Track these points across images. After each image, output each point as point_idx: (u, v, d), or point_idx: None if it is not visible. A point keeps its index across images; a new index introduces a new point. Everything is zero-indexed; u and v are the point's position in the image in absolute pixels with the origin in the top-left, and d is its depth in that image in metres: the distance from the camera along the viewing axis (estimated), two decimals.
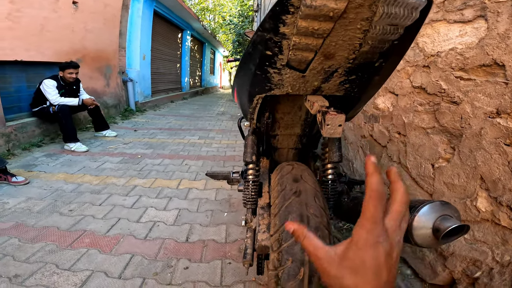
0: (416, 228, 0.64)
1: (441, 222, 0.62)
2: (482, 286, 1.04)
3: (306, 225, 0.65)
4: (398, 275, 1.39)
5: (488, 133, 0.98)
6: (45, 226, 1.68)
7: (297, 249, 0.62)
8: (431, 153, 1.27)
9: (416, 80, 1.37)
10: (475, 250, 1.07)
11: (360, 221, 0.32)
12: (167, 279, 1.31)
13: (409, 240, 0.66)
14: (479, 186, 1.04)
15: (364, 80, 0.60)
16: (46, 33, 3.57)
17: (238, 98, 0.85)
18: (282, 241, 0.65)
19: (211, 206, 2.06)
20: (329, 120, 0.56)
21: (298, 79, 0.59)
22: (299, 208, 0.69)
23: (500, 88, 0.93)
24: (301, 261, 0.61)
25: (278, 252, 0.64)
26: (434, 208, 0.64)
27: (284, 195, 0.74)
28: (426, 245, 0.65)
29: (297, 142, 1.13)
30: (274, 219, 0.71)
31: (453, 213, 0.65)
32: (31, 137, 3.33)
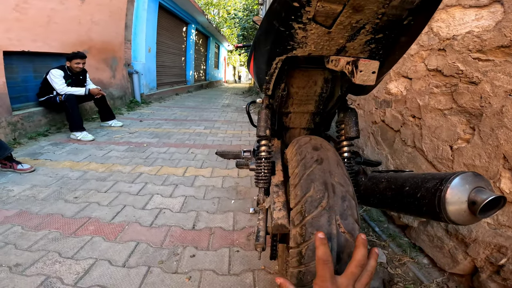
0: (450, 202, 0.57)
1: (477, 194, 0.55)
2: (508, 273, 0.98)
3: (332, 194, 0.58)
4: (415, 265, 1.32)
5: (510, 111, 0.96)
6: (49, 214, 1.64)
7: (324, 221, 0.55)
8: (449, 135, 1.24)
9: (431, 63, 1.36)
10: (499, 236, 1.02)
11: (314, 280, 0.46)
12: (173, 267, 1.25)
13: (440, 218, 0.59)
14: (502, 166, 1.00)
15: (391, 40, 0.56)
16: (53, 24, 3.58)
17: (255, 64, 0.79)
18: (306, 213, 0.58)
19: (218, 194, 2.00)
20: (362, 66, 0.52)
21: (323, 36, 0.54)
22: (322, 176, 0.61)
23: None
24: (329, 234, 0.54)
25: (301, 226, 0.57)
26: (467, 179, 0.57)
27: (305, 163, 0.67)
28: (462, 221, 0.58)
29: (310, 122, 1.07)
30: (295, 190, 0.64)
31: (487, 185, 0.58)
32: (37, 126, 3.33)
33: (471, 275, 1.16)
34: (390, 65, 0.65)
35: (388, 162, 1.73)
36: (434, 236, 1.32)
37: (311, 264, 0.53)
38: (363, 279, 0.47)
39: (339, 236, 0.54)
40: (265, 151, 0.94)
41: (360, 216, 1.72)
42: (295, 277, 0.56)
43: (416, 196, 0.65)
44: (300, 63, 0.88)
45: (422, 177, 0.67)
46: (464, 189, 0.57)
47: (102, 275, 1.18)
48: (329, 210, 0.56)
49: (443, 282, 1.22)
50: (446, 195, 0.57)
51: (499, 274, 1.01)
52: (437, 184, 0.60)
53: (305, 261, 0.54)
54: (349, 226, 0.55)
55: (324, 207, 0.56)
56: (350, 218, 0.56)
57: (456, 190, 0.57)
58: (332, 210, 0.56)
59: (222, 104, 7.10)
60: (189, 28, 10.13)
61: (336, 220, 0.55)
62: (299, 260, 0.55)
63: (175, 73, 9.31)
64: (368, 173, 0.93)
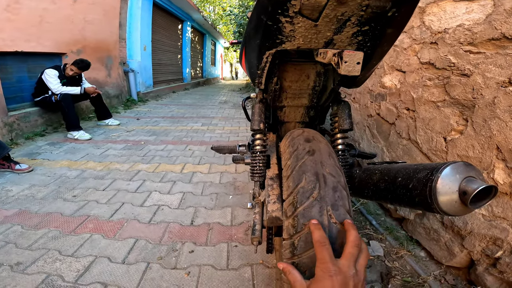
0: (441, 192, 0.57)
1: (468, 184, 0.55)
2: (504, 266, 0.99)
3: (324, 185, 0.58)
4: (412, 258, 1.33)
5: (501, 102, 0.97)
6: (48, 212, 1.65)
7: (315, 211, 0.55)
8: (442, 126, 1.26)
9: (424, 56, 1.38)
10: (494, 228, 1.02)
11: (316, 265, 0.46)
12: (172, 263, 1.26)
13: (432, 209, 0.59)
14: (495, 156, 1.01)
15: (377, 32, 0.57)
16: (46, 24, 3.56)
17: (247, 59, 0.79)
18: (298, 204, 0.58)
19: (216, 189, 2.02)
20: (346, 57, 0.53)
21: (310, 29, 0.55)
22: (314, 167, 0.61)
23: (511, 59, 0.94)
24: (320, 225, 0.54)
25: (293, 217, 0.57)
26: (458, 169, 0.57)
27: (297, 155, 0.67)
28: (454, 212, 0.58)
29: (304, 115, 1.08)
30: (287, 181, 0.64)
31: (478, 175, 0.58)
32: (34, 126, 3.32)
33: (468, 268, 1.17)
34: (379, 57, 0.65)
35: (384, 155, 1.74)
36: (430, 228, 1.33)
37: (303, 255, 0.53)
38: (361, 260, 0.48)
39: (331, 226, 0.54)
40: (260, 145, 0.94)
41: (357, 210, 1.76)
42: None
43: (408, 187, 0.65)
44: (291, 57, 0.88)
45: (414, 168, 0.67)
46: (454, 179, 0.56)
47: (102, 272, 1.20)
48: (321, 200, 0.56)
49: (441, 275, 1.23)
50: (437, 185, 0.57)
51: (496, 267, 1.02)
52: (428, 174, 0.60)
53: (297, 252, 0.54)
54: (341, 217, 0.55)
55: (315, 197, 0.56)
56: (342, 208, 0.56)
57: (447, 180, 0.57)
58: (323, 200, 0.56)
59: (219, 101, 7.08)
60: (184, 26, 10.05)
61: (327, 210, 0.55)
62: (292, 252, 0.55)
63: (171, 71, 9.25)
64: (362, 166, 0.94)
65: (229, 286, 1.14)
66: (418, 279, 1.21)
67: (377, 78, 1.86)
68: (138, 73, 6.18)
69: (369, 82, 1.98)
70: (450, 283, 1.18)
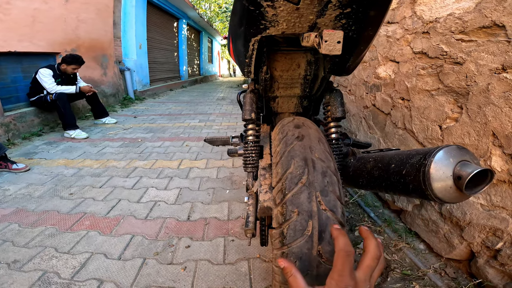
0: (434, 177, 0.55)
1: (462, 168, 0.53)
2: (505, 258, 0.96)
3: (312, 170, 0.56)
4: (411, 250, 1.31)
5: (496, 88, 0.96)
6: (45, 210, 1.65)
7: (304, 198, 0.53)
8: (437, 114, 1.25)
9: (417, 46, 1.38)
10: (494, 218, 1.00)
11: (331, 274, 0.40)
12: (168, 258, 1.26)
13: (427, 196, 0.57)
14: (491, 143, 1.00)
15: (360, 15, 0.55)
16: (38, 24, 3.55)
17: (234, 48, 0.78)
18: (286, 190, 0.56)
19: (213, 184, 2.01)
20: (326, 36, 0.51)
21: (293, 13, 0.53)
22: (302, 152, 0.60)
23: (503, 46, 0.93)
24: (309, 212, 0.52)
25: (282, 205, 0.55)
26: (451, 153, 0.55)
27: (286, 140, 0.65)
28: (449, 199, 0.56)
29: (298, 106, 1.07)
30: (276, 168, 0.63)
31: (473, 159, 0.56)
32: (30, 126, 3.31)
33: (468, 260, 1.14)
34: (366, 42, 0.64)
35: (380, 145, 1.73)
36: (429, 220, 1.31)
37: (293, 245, 0.52)
38: (376, 273, 0.43)
39: (320, 213, 0.52)
40: (252, 135, 0.93)
41: (355, 202, 1.75)
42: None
43: (402, 173, 0.63)
44: (281, 46, 0.87)
45: (407, 154, 0.65)
46: (448, 163, 0.54)
47: (98, 268, 1.19)
48: (309, 186, 0.55)
49: (441, 268, 1.21)
50: (430, 170, 0.55)
51: (497, 259, 1.00)
52: (421, 159, 0.58)
53: (287, 241, 0.53)
54: (331, 203, 0.54)
55: (304, 183, 0.55)
56: (332, 194, 0.55)
57: (440, 164, 0.55)
58: (312, 186, 0.54)
59: (217, 98, 7.06)
60: (180, 24, 9.99)
61: (316, 196, 0.53)
62: (281, 241, 0.54)
63: (168, 69, 9.22)
64: (356, 155, 0.93)
65: (225, 281, 1.13)
66: (418, 272, 1.18)
67: (371, 69, 1.85)
68: (134, 71, 6.16)
69: (364, 73, 1.97)
70: (451, 276, 1.16)
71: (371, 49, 1.87)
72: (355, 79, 2.14)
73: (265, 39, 0.75)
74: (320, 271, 0.51)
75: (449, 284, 1.12)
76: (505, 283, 0.98)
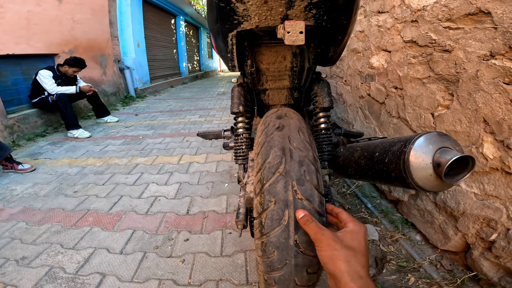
0: (414, 165, 0.54)
1: (441, 155, 0.52)
2: (500, 250, 0.95)
3: (289, 159, 0.57)
4: (408, 241, 1.31)
5: (485, 75, 0.96)
6: (51, 208, 1.70)
7: (280, 187, 0.54)
8: (429, 102, 1.25)
9: (407, 35, 1.38)
10: (487, 208, 0.99)
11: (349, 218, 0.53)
12: (168, 251, 1.30)
13: (409, 184, 0.57)
14: (483, 130, 0.99)
15: (329, 4, 0.55)
16: (34, 26, 3.57)
17: (216, 44, 0.80)
18: (264, 180, 0.56)
19: (212, 178, 2.04)
20: (288, 27, 0.53)
21: (262, 6, 0.54)
22: (281, 142, 0.60)
23: (490, 33, 0.93)
24: (285, 201, 0.53)
25: (261, 195, 0.56)
26: (431, 140, 0.54)
27: (267, 131, 0.66)
28: (430, 187, 0.55)
29: (289, 97, 1.08)
30: (257, 158, 0.63)
31: (454, 145, 0.55)
32: (34, 127, 3.37)
33: (464, 252, 1.13)
34: (343, 31, 0.64)
35: (376, 135, 1.73)
36: (424, 210, 1.31)
37: (271, 234, 0.52)
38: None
39: (296, 203, 0.52)
40: (242, 128, 0.95)
41: (352, 192, 1.76)
42: (260, 248, 0.54)
43: (384, 162, 0.63)
44: (263, 39, 0.88)
45: (390, 142, 0.65)
46: (427, 150, 0.53)
47: (101, 263, 1.24)
48: (286, 175, 0.54)
49: (437, 260, 1.20)
50: (410, 157, 0.55)
51: (491, 251, 0.98)
52: (402, 146, 0.58)
53: (265, 231, 0.53)
54: (307, 192, 0.53)
55: (281, 172, 0.55)
56: (308, 184, 0.54)
57: (420, 152, 0.54)
58: (288, 175, 0.55)
59: (217, 93, 7.05)
60: (177, 20, 9.95)
61: (292, 186, 0.54)
62: (261, 231, 0.54)
63: (168, 66, 9.22)
64: (346, 145, 0.94)
65: (222, 272, 1.17)
66: (414, 264, 1.18)
67: (365, 59, 1.85)
68: (133, 69, 6.19)
69: (358, 63, 1.96)
70: (447, 268, 1.15)
71: (364, 39, 1.86)
72: (350, 70, 2.13)
73: (244, 33, 0.76)
74: (299, 261, 0.51)
75: (444, 276, 1.11)
76: (500, 276, 0.96)
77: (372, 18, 1.74)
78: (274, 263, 0.52)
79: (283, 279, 0.52)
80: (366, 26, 1.83)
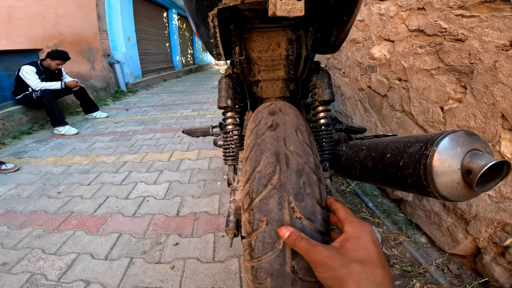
0: (438, 171, 0.44)
1: (472, 160, 0.42)
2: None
3: (285, 168, 0.47)
4: (412, 244, 1.24)
5: (504, 66, 0.87)
6: (33, 211, 1.61)
7: (273, 204, 0.44)
8: (438, 95, 1.16)
9: (412, 23, 1.29)
10: (503, 211, 0.91)
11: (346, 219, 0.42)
12: (156, 257, 1.22)
13: (429, 193, 0.47)
14: (500, 126, 0.90)
15: None
16: (15, 21, 3.45)
17: (196, 29, 0.68)
18: (253, 193, 0.47)
19: (204, 176, 1.95)
20: None
21: None
22: (275, 145, 0.50)
23: (510, 22, 0.85)
24: (280, 221, 0.43)
25: (249, 211, 0.47)
26: (459, 141, 0.44)
27: (257, 131, 0.55)
28: (456, 197, 0.45)
29: (284, 90, 0.97)
30: (245, 165, 0.53)
31: (484, 147, 0.45)
32: (19, 125, 3.24)
33: (473, 256, 1.07)
34: (350, 9, 0.55)
35: (377, 129, 1.65)
36: (431, 211, 1.23)
37: (263, 259, 0.44)
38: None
39: (294, 223, 0.43)
40: (231, 124, 0.85)
41: (352, 191, 1.68)
42: (250, 272, 0.46)
43: (398, 165, 0.53)
44: (254, 23, 0.78)
45: (405, 141, 0.55)
46: (455, 153, 0.44)
47: (85, 269, 1.16)
48: (280, 189, 0.45)
49: (443, 264, 1.13)
50: (433, 162, 0.45)
51: (505, 257, 0.92)
52: (422, 148, 0.48)
53: (255, 254, 0.44)
54: (307, 210, 0.44)
55: (274, 185, 0.46)
56: (309, 199, 0.45)
57: (446, 155, 0.44)
58: (283, 189, 0.45)
59: (211, 86, 6.92)
60: (170, 13, 9.77)
61: (289, 202, 0.44)
62: (250, 253, 0.46)
63: (160, 60, 9.07)
64: (349, 142, 0.85)
65: (214, 280, 1.09)
66: (419, 268, 1.10)
67: (365, 50, 1.76)
68: (124, 64, 6.05)
69: (357, 54, 1.87)
70: (454, 273, 1.08)
71: (364, 28, 1.76)
72: (349, 61, 2.04)
73: (229, 14, 0.65)
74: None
75: (452, 281, 1.05)
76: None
77: (373, 6, 1.65)
78: None
79: None
80: (366, 14, 1.74)
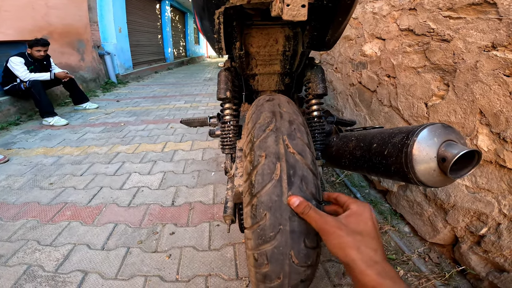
0: (417, 159, 0.50)
1: (447, 149, 0.48)
2: (489, 245, 0.95)
3: (280, 119, 0.57)
4: (396, 233, 1.30)
5: (484, 66, 0.93)
6: (26, 202, 1.60)
7: (271, 141, 0.52)
8: (423, 92, 1.22)
9: (403, 23, 1.34)
10: (479, 201, 0.98)
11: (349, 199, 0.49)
12: (153, 246, 1.24)
13: (409, 179, 0.53)
14: (478, 121, 0.97)
15: None
16: (4, 13, 3.40)
17: (201, 25, 0.72)
18: (254, 138, 0.55)
19: (198, 167, 1.97)
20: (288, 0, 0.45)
21: None
22: (271, 108, 0.60)
23: (494, 24, 0.90)
24: (276, 154, 0.50)
25: (251, 153, 0.54)
26: (436, 132, 0.51)
27: (257, 105, 0.66)
28: (432, 182, 0.52)
29: (279, 83, 1.02)
30: (247, 126, 0.63)
31: (458, 138, 0.51)
32: (7, 116, 3.17)
33: (452, 245, 1.13)
34: (345, 11, 0.58)
35: (366, 123, 1.71)
36: (413, 201, 1.29)
37: (262, 193, 0.49)
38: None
39: (288, 156, 0.50)
40: (229, 115, 0.90)
41: (341, 182, 1.74)
42: (249, 216, 0.51)
43: (383, 154, 0.59)
44: (254, 20, 0.81)
45: (389, 132, 0.61)
46: (432, 143, 0.50)
47: (82, 260, 1.17)
48: (276, 131, 0.54)
49: (425, 253, 1.19)
50: (413, 150, 0.51)
51: (480, 246, 0.98)
52: (404, 138, 0.54)
53: (255, 190, 0.49)
54: (298, 147, 0.52)
55: (271, 129, 0.54)
56: (299, 140, 0.53)
57: (424, 145, 0.50)
58: (279, 131, 0.53)
59: (204, 78, 6.87)
60: (162, 5, 9.60)
61: (283, 140, 0.52)
62: (250, 192, 0.51)
63: (152, 52, 8.95)
64: (340, 134, 0.89)
65: (211, 267, 1.12)
66: (403, 257, 1.16)
67: (357, 47, 1.81)
68: (115, 55, 5.96)
69: (350, 51, 1.92)
70: (435, 262, 1.14)
71: (357, 26, 1.80)
72: (341, 57, 2.08)
73: (233, 12, 0.69)
74: (294, 225, 0.47)
75: (432, 269, 1.11)
76: (488, 271, 0.96)
77: (367, 4, 1.69)
78: (266, 230, 0.47)
79: (277, 253, 0.46)
80: (360, 13, 1.78)
